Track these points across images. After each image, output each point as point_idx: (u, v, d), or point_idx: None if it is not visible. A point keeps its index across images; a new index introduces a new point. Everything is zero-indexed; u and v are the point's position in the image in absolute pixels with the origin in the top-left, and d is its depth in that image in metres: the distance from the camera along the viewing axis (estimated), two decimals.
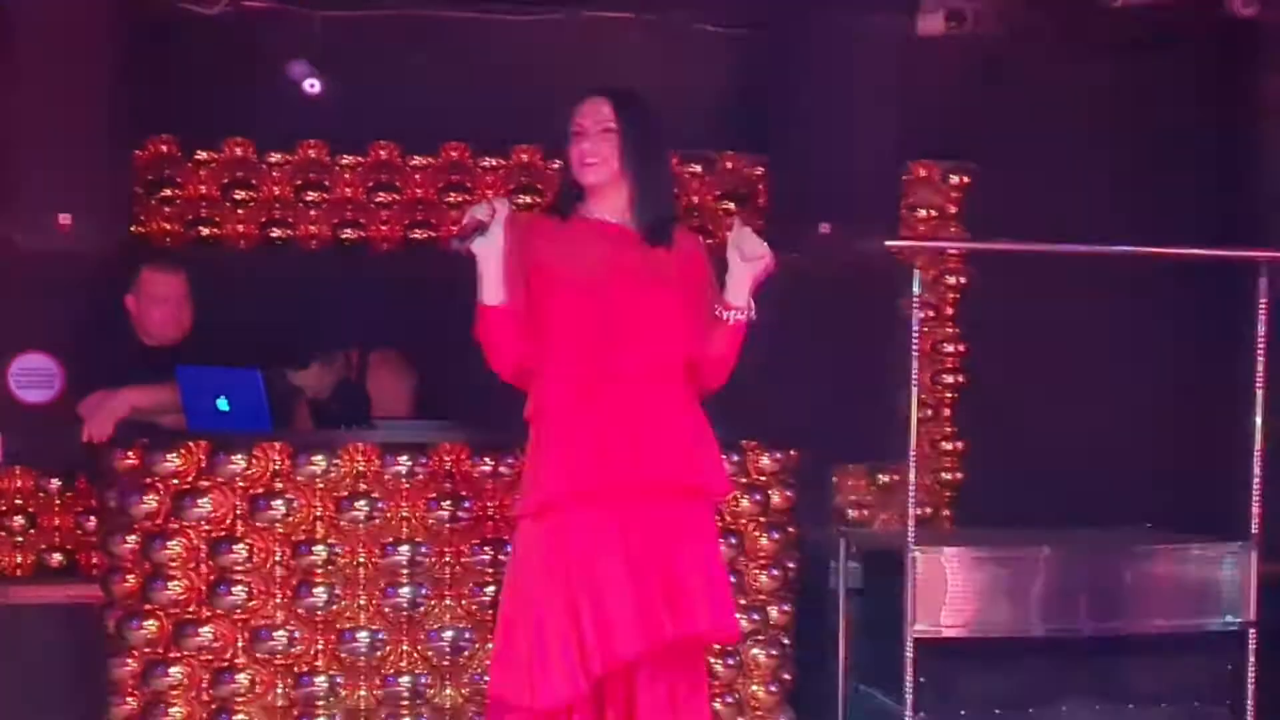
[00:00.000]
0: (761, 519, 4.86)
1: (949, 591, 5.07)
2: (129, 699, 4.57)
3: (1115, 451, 6.15)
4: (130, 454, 4.59)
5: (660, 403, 3.87)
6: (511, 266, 3.83)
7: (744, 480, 4.84)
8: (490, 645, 4.13)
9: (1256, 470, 5.23)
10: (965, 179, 6.36)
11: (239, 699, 4.55)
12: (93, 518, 5.59)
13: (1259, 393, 5.25)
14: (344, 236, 6.05)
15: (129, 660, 4.56)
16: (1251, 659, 5.19)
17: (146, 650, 4.55)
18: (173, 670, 4.53)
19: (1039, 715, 5.15)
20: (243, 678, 4.55)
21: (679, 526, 3.86)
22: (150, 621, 4.54)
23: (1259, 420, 5.25)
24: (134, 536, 4.56)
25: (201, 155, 5.98)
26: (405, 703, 4.65)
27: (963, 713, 5.11)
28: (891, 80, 5.90)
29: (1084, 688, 5.17)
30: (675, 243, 3.96)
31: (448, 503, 4.67)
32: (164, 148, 5.94)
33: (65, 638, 5.24)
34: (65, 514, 5.73)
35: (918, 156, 6.29)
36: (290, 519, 4.58)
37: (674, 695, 3.87)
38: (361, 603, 4.63)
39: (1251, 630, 5.21)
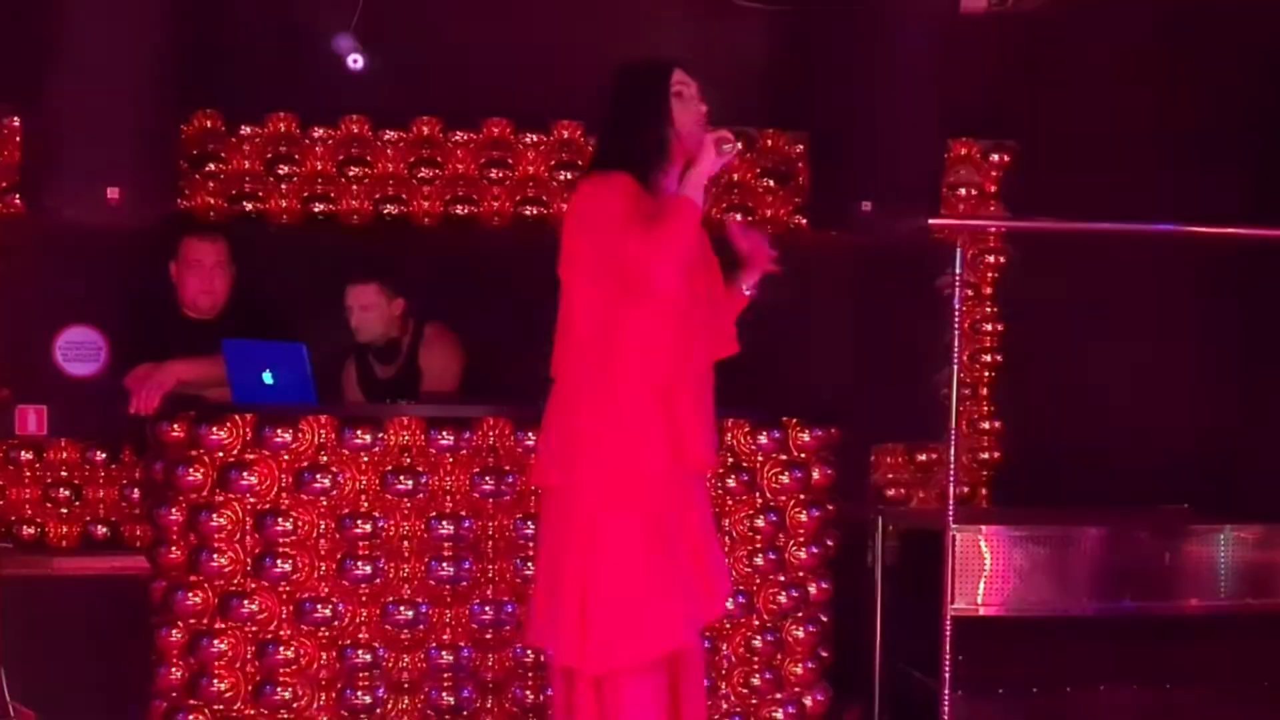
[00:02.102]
0: (801, 496, 4.88)
1: (987, 570, 5.10)
2: (174, 669, 4.62)
3: (1153, 431, 6.14)
4: (176, 426, 4.62)
5: (709, 382, 4.09)
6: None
7: (784, 457, 4.86)
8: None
9: None
10: (1006, 157, 6.34)
11: (283, 670, 4.59)
12: (137, 490, 5.65)
13: None
14: (386, 211, 6.07)
15: (174, 631, 4.61)
16: None
17: (192, 621, 4.59)
18: (218, 641, 4.57)
19: (1076, 695, 5.18)
20: (287, 650, 4.59)
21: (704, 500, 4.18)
22: (196, 593, 4.59)
23: None
24: (180, 509, 4.60)
25: (245, 130, 6.00)
26: (449, 675, 4.69)
27: (1000, 691, 5.14)
28: (933, 58, 5.87)
29: (1122, 668, 5.19)
30: None
31: (491, 477, 4.70)
32: (209, 122, 5.96)
33: (109, 609, 5.30)
34: (110, 486, 5.79)
35: (958, 134, 6.27)
36: (335, 492, 4.62)
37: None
38: (405, 575, 4.66)
39: None
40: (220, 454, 4.59)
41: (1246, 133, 6.30)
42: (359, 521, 4.62)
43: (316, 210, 6.06)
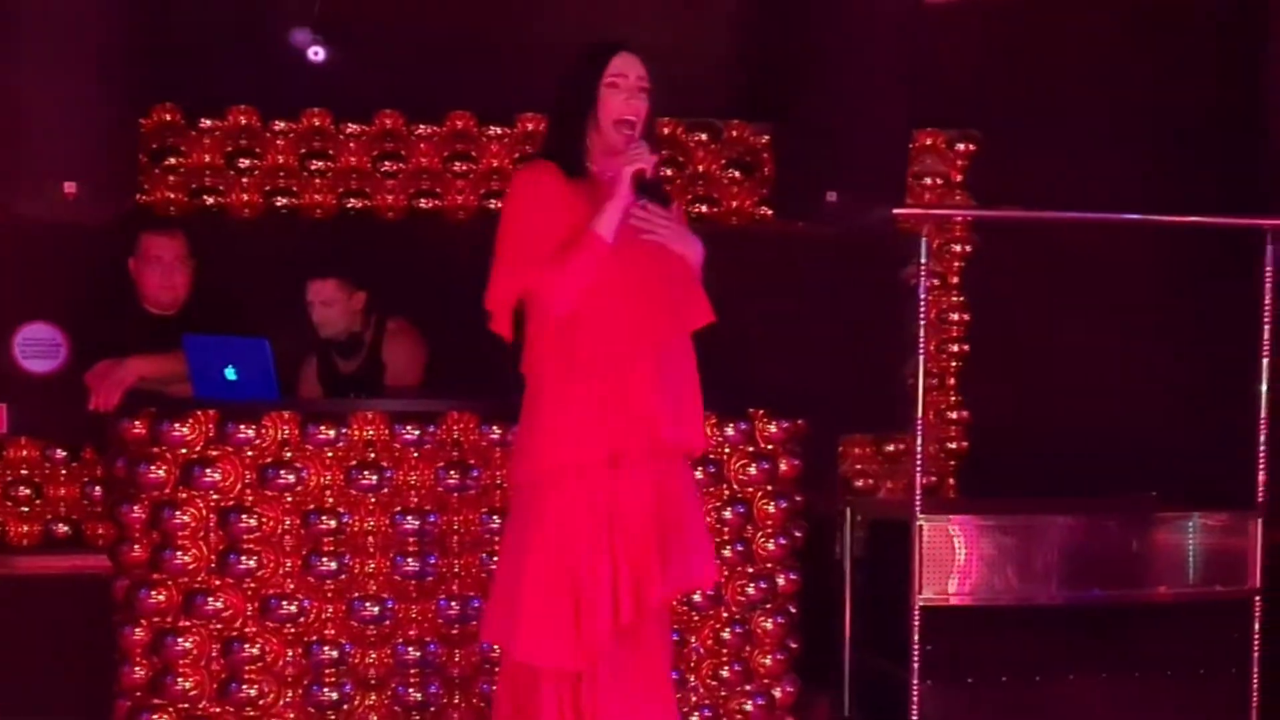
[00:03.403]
0: (768, 487, 4.86)
1: (955, 560, 5.10)
2: (138, 668, 4.57)
3: (1120, 420, 6.17)
4: (138, 423, 4.58)
5: (672, 364, 3.94)
6: (551, 224, 3.86)
7: (751, 449, 4.84)
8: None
9: (1262, 439, 5.26)
10: (971, 147, 6.34)
11: (249, 668, 4.56)
12: (99, 488, 5.60)
13: (1264, 361, 5.27)
14: (349, 205, 6.03)
15: (138, 630, 4.57)
16: (1256, 626, 5.22)
17: (155, 619, 4.55)
18: (182, 639, 4.53)
19: (1045, 684, 5.18)
20: (253, 647, 4.55)
21: (679, 483, 3.98)
22: (159, 591, 4.54)
23: (1264, 389, 5.27)
24: (142, 506, 4.56)
25: (206, 123, 5.95)
26: (415, 671, 4.66)
27: (969, 681, 5.14)
28: (898, 48, 5.88)
29: (1090, 656, 5.20)
30: (668, 195, 4.03)
31: (456, 471, 4.67)
32: (168, 116, 5.91)
33: (72, 608, 5.26)
34: (71, 484, 5.74)
35: (923, 124, 6.27)
36: (299, 488, 4.58)
37: (664, 648, 4.05)
38: (371, 571, 4.63)
39: (1257, 598, 5.24)
40: (183, 450, 4.55)
41: (1212, 122, 6.32)
42: (323, 517, 4.59)
43: (278, 204, 6.01)
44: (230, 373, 4.74)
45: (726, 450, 4.82)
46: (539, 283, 3.85)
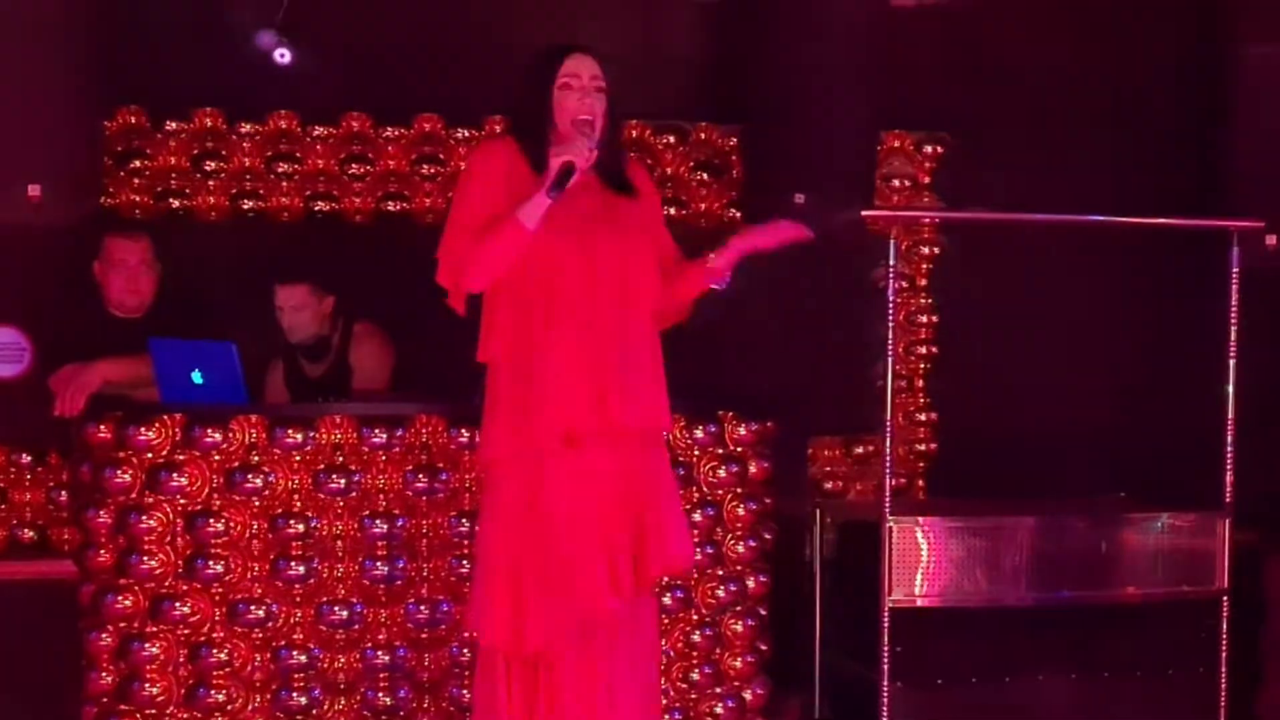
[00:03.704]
0: (738, 490, 4.85)
1: (924, 561, 5.11)
2: (104, 674, 4.52)
3: (1088, 421, 6.18)
4: (103, 428, 4.54)
5: (633, 347, 3.98)
6: (491, 199, 3.92)
7: (721, 451, 4.84)
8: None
9: (1229, 440, 5.28)
10: (938, 149, 6.35)
11: (217, 673, 4.52)
12: (65, 493, 5.55)
13: (1231, 362, 5.30)
14: (316, 208, 6.00)
15: (104, 635, 4.52)
16: (1224, 626, 5.24)
17: (122, 625, 4.51)
18: (149, 645, 4.49)
19: (1015, 685, 5.20)
20: (221, 652, 4.52)
21: (647, 466, 4.01)
22: (126, 596, 4.51)
23: (1231, 390, 5.30)
24: (108, 511, 4.52)
25: (171, 126, 5.91)
26: (384, 675, 4.64)
27: (939, 682, 5.15)
28: (866, 50, 5.89)
29: (1060, 657, 5.22)
30: (633, 186, 4.09)
31: (425, 475, 4.65)
32: (133, 118, 5.87)
33: (38, 613, 5.21)
34: (36, 489, 5.67)
35: (891, 126, 6.28)
36: (267, 492, 4.55)
37: (648, 635, 4.07)
38: (339, 575, 4.60)
39: (1224, 598, 5.26)
40: (149, 455, 4.52)
41: (1179, 123, 6.35)
42: (292, 521, 4.56)
43: (245, 207, 5.98)
44: (197, 377, 4.70)
45: (696, 453, 4.81)
46: (459, 257, 3.92)
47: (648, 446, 4.04)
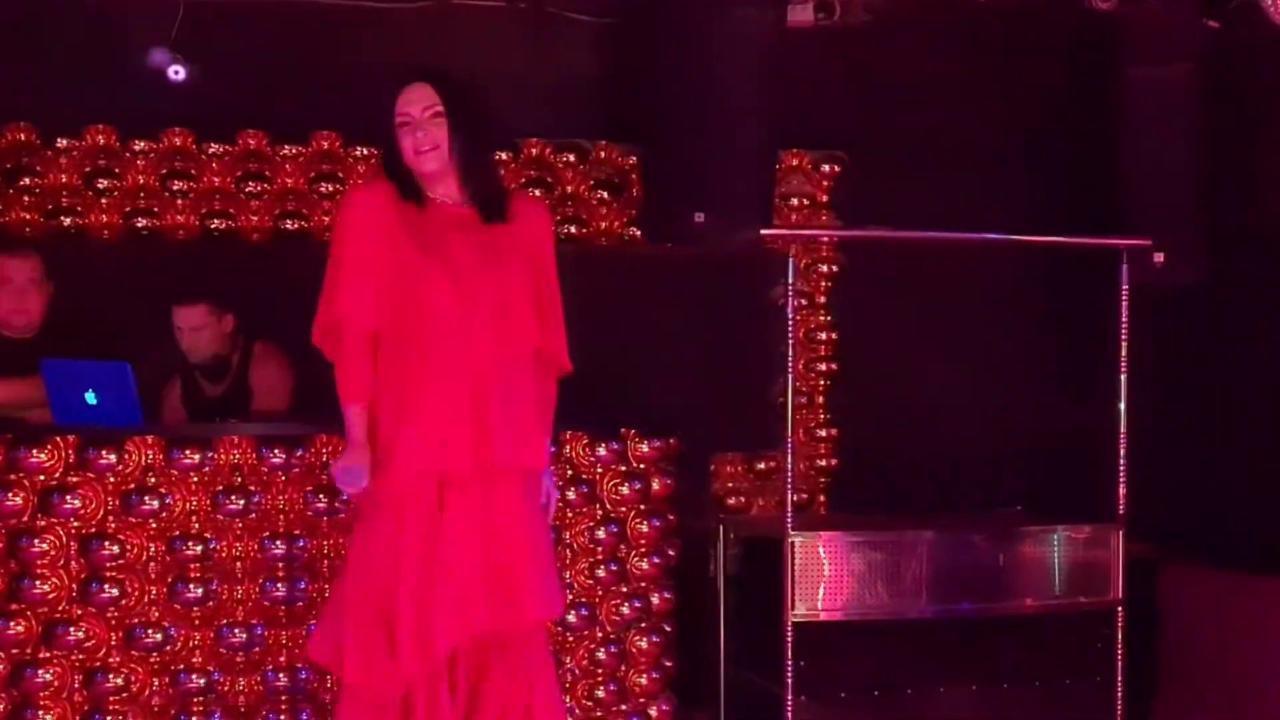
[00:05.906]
0: (641, 506, 4.87)
1: (826, 576, 5.14)
2: None
3: (986, 436, 6.25)
4: None
5: (514, 385, 3.93)
6: (379, 250, 3.88)
7: (623, 468, 4.84)
8: None
9: (1121, 453, 5.37)
10: (836, 168, 6.41)
11: (113, 699, 4.46)
12: None
13: (1122, 377, 5.40)
14: (212, 227, 5.92)
15: None
16: (1120, 636, 5.33)
17: (14, 651, 4.44)
18: (42, 671, 4.42)
19: (917, 696, 5.24)
20: (117, 677, 4.44)
21: (517, 506, 3.96)
22: (18, 622, 4.42)
23: (1123, 405, 5.39)
24: None
25: (62, 143, 5.81)
26: (286, 698, 4.59)
27: (842, 695, 5.18)
28: (763, 70, 5.91)
29: (960, 668, 5.27)
30: (515, 215, 4.03)
31: (325, 495, 4.60)
32: (22, 135, 5.77)
33: None
34: None
35: (789, 145, 6.32)
36: (164, 514, 4.50)
37: (527, 670, 3.98)
38: (239, 597, 4.56)
39: (1119, 608, 5.34)
40: (41, 477, 4.44)
41: (1070, 143, 6.45)
42: (189, 543, 4.51)
43: (139, 225, 5.89)
44: (91, 397, 4.63)
45: (599, 470, 4.81)
46: (333, 330, 3.96)
47: (520, 488, 3.98)
